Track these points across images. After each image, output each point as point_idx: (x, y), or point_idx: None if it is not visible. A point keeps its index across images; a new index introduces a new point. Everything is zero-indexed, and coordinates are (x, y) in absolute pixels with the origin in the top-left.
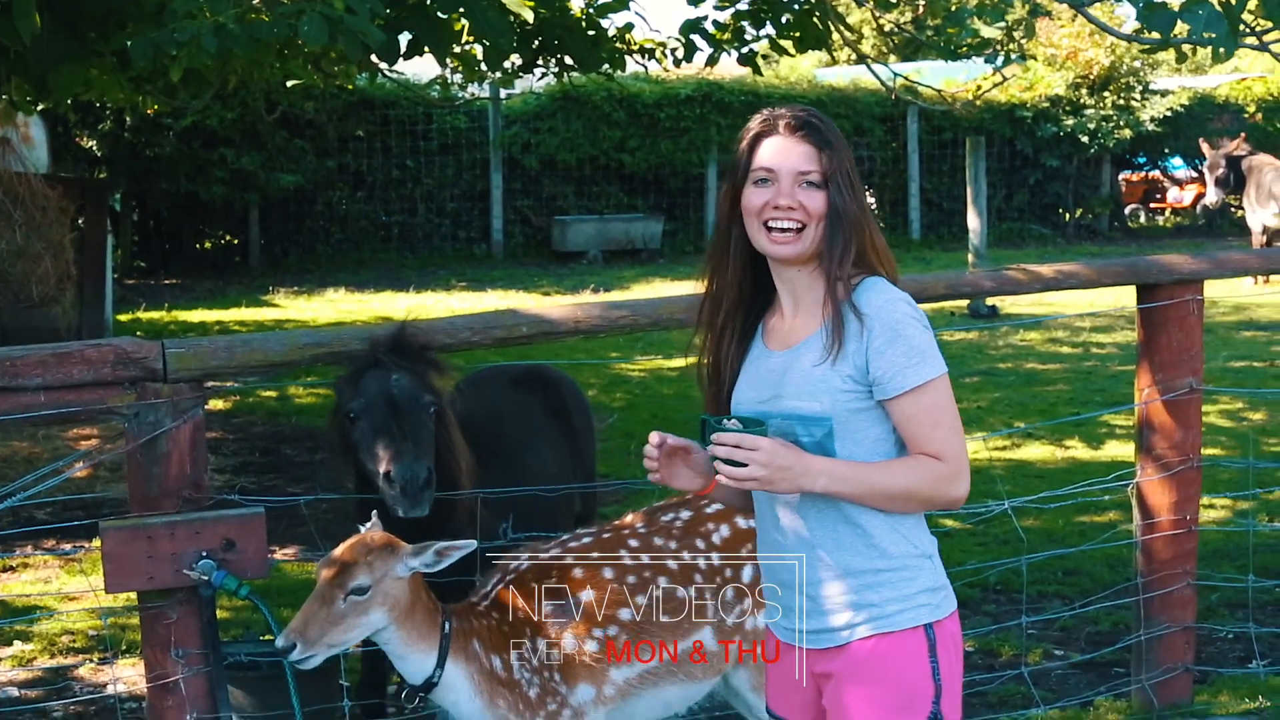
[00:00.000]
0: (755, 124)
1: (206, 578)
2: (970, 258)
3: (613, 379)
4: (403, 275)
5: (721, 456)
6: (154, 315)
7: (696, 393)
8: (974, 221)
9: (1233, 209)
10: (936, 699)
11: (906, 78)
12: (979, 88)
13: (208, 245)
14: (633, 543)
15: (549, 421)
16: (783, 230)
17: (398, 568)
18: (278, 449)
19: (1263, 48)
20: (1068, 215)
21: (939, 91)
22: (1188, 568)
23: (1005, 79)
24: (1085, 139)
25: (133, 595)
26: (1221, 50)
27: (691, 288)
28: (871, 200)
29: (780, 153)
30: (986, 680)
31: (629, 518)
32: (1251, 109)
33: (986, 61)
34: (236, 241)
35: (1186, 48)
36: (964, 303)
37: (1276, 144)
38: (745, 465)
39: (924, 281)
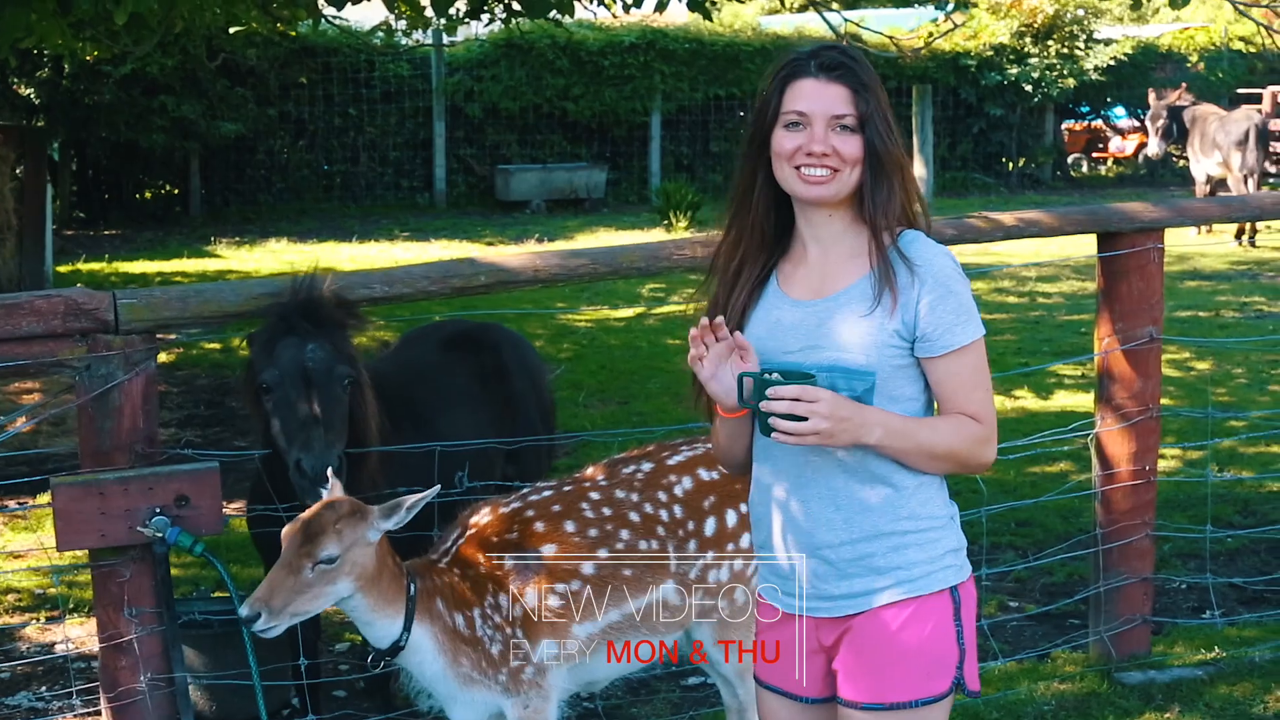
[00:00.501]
0: (784, 64)
1: (161, 534)
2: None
3: (559, 329)
4: (345, 225)
5: (781, 411)
6: (94, 266)
7: (643, 343)
8: (920, 170)
9: (1174, 159)
10: (960, 663)
11: (856, 23)
12: (930, 35)
13: (148, 195)
14: (594, 495)
15: (478, 385)
16: (815, 172)
17: (368, 534)
18: (222, 401)
19: None
20: (1011, 164)
21: (890, 38)
22: (1146, 518)
23: (956, 25)
24: (1029, 88)
25: (82, 553)
26: None
27: (639, 236)
28: None
29: (813, 95)
30: None
31: (590, 470)
32: (1194, 59)
33: (937, 8)
34: (177, 191)
35: None
36: None
37: (1218, 93)
38: (805, 420)
39: None
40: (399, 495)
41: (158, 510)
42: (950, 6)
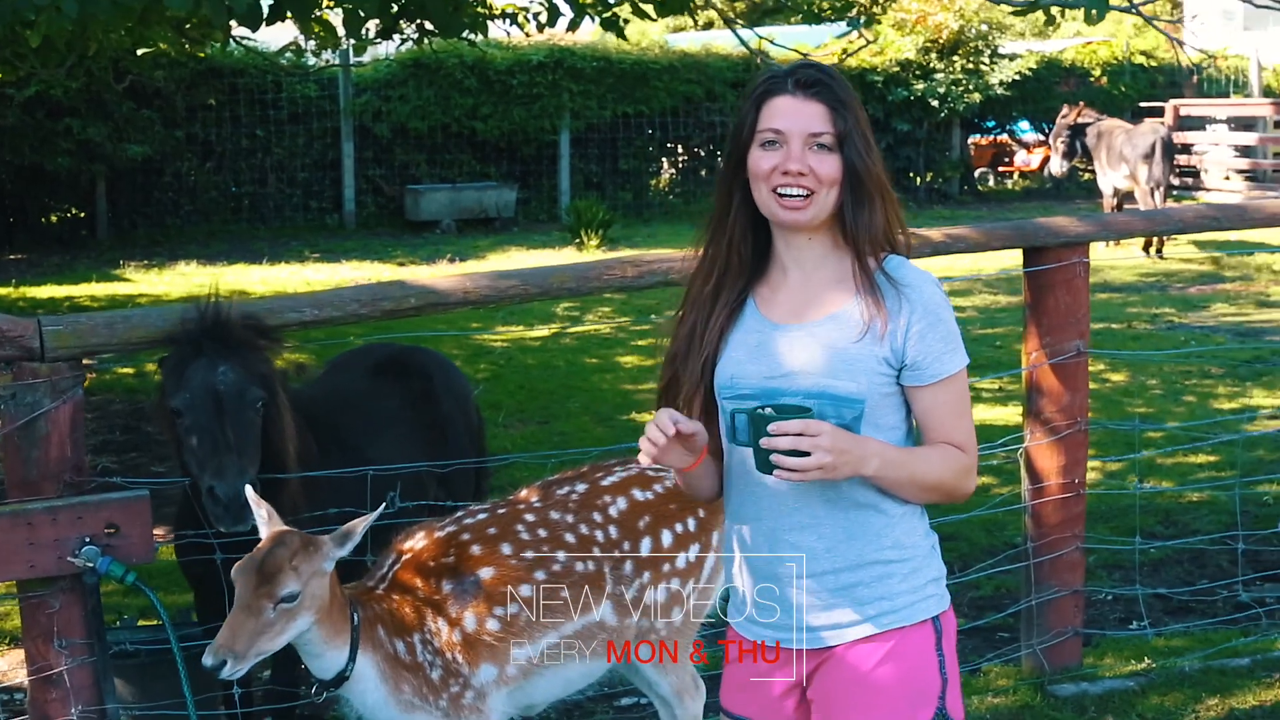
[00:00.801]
0: (761, 81)
1: (91, 564)
2: None
3: (475, 350)
4: (255, 247)
5: (785, 448)
6: (1, 292)
7: (560, 362)
8: None
9: (1080, 171)
10: (943, 694)
11: (766, 39)
12: (844, 51)
13: (54, 218)
14: (529, 518)
15: (407, 409)
16: (792, 196)
17: (323, 565)
18: (138, 426)
19: (1133, 9)
20: (919, 179)
21: (804, 56)
22: (1076, 531)
23: (869, 41)
24: (935, 103)
25: (10, 584)
26: (1094, 12)
27: (551, 255)
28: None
29: (789, 113)
30: None
31: (523, 492)
32: (1097, 73)
33: (849, 25)
34: (83, 214)
35: (1056, 10)
36: None
37: (1121, 107)
38: (807, 455)
39: None
40: (326, 519)
41: (87, 540)
42: (861, 22)
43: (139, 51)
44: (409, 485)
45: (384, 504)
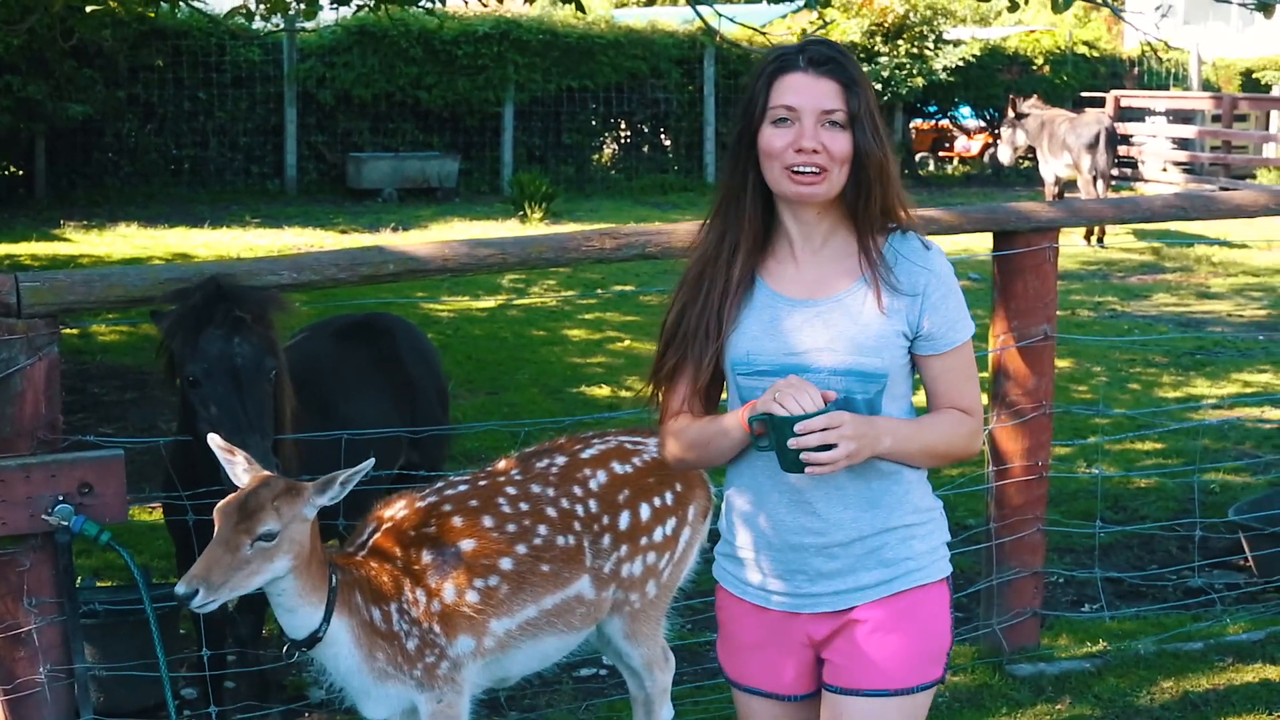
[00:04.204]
0: (772, 58)
1: (65, 523)
2: None
3: (421, 320)
4: (195, 210)
5: (815, 445)
6: None
7: (507, 334)
8: None
9: (1020, 159)
10: (949, 650)
11: (720, 13)
12: (803, 32)
13: None
14: (510, 490)
15: (376, 371)
16: (805, 173)
17: (304, 510)
18: (85, 388)
19: (1100, 1)
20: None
21: (761, 31)
22: (1038, 514)
23: (826, 24)
24: (879, 86)
25: None
26: (1060, 0)
27: (494, 227)
28: (667, 143)
29: (802, 89)
30: None
31: (502, 464)
32: (1039, 61)
33: (806, 6)
34: (21, 173)
35: None
36: None
37: (1063, 96)
38: (834, 447)
39: None
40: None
41: (60, 498)
42: (817, 1)
43: (88, 9)
44: (381, 447)
45: (370, 460)
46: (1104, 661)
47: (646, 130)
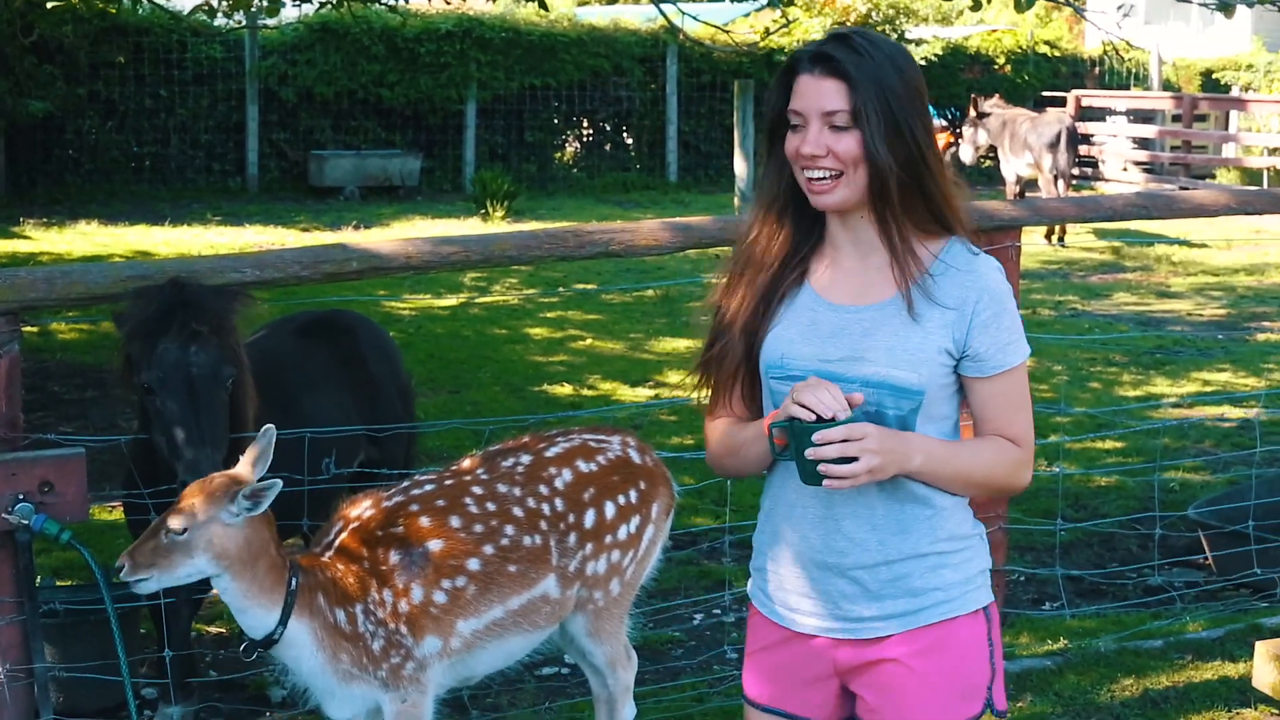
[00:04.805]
0: (788, 60)
1: (25, 521)
2: (737, 201)
3: (383, 318)
4: (156, 208)
5: (833, 456)
6: None
7: (469, 332)
8: (740, 166)
9: (981, 159)
10: (990, 684)
11: (682, 10)
12: (766, 31)
13: None
14: (477, 490)
15: (338, 367)
16: (818, 179)
17: (220, 515)
18: (44, 386)
19: (1063, 0)
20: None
21: (724, 29)
22: (1000, 511)
23: (788, 22)
24: None
25: None
26: (1023, 0)
27: (456, 225)
28: (630, 141)
29: (806, 92)
30: None
31: (467, 463)
32: (1001, 61)
33: (769, 4)
34: None
35: None
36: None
37: (1024, 95)
38: (855, 460)
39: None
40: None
41: (21, 497)
42: (779, 2)
43: (48, 4)
44: (342, 444)
45: (278, 483)
46: (1065, 659)
47: (609, 128)
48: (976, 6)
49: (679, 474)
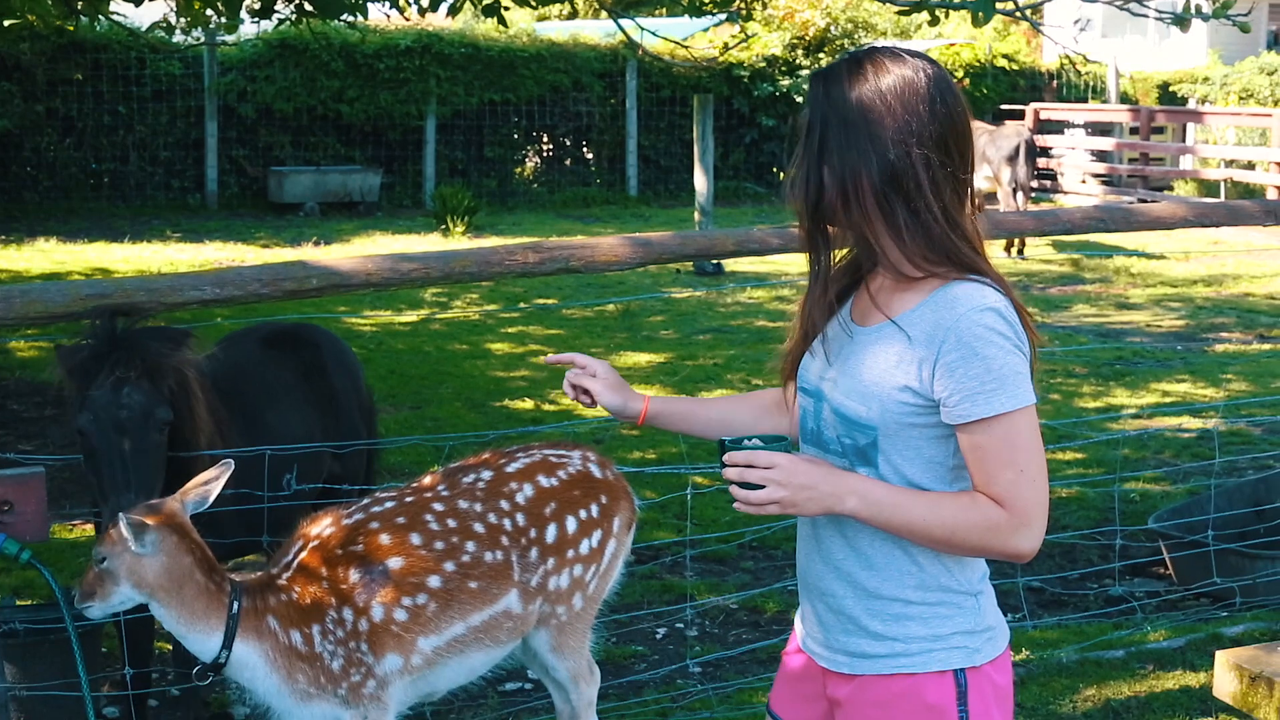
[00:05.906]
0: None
1: None
2: (697, 215)
3: (344, 334)
4: (116, 225)
5: (733, 479)
6: None
7: (430, 348)
8: (700, 180)
9: None
10: None
11: (641, 26)
12: (725, 45)
13: None
14: (438, 506)
15: (301, 381)
16: None
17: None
18: (3, 404)
19: (1019, 14)
20: (783, 174)
21: (683, 44)
22: None
23: (747, 37)
24: (800, 99)
25: None
26: (980, 14)
27: (416, 240)
28: (590, 156)
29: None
30: (756, 638)
31: (428, 479)
32: (959, 74)
33: (728, 19)
34: None
35: (940, 10)
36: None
37: (983, 109)
38: (762, 488)
39: (713, 237)
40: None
41: None
42: (740, 15)
43: (5, 22)
44: (305, 460)
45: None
46: (1027, 670)
47: (569, 143)
48: (934, 21)
49: (640, 488)
